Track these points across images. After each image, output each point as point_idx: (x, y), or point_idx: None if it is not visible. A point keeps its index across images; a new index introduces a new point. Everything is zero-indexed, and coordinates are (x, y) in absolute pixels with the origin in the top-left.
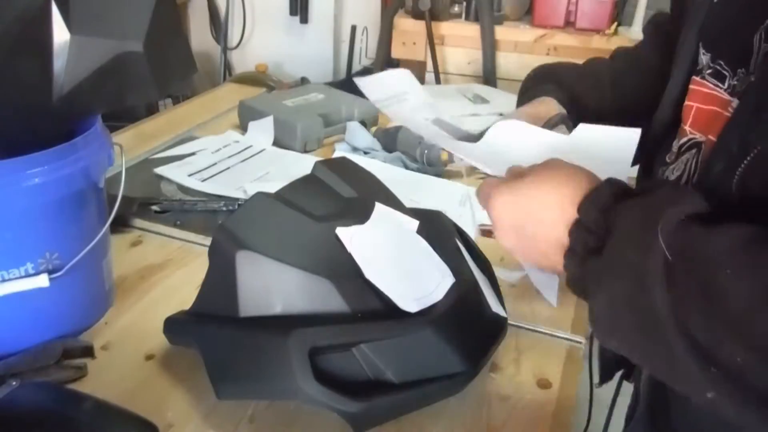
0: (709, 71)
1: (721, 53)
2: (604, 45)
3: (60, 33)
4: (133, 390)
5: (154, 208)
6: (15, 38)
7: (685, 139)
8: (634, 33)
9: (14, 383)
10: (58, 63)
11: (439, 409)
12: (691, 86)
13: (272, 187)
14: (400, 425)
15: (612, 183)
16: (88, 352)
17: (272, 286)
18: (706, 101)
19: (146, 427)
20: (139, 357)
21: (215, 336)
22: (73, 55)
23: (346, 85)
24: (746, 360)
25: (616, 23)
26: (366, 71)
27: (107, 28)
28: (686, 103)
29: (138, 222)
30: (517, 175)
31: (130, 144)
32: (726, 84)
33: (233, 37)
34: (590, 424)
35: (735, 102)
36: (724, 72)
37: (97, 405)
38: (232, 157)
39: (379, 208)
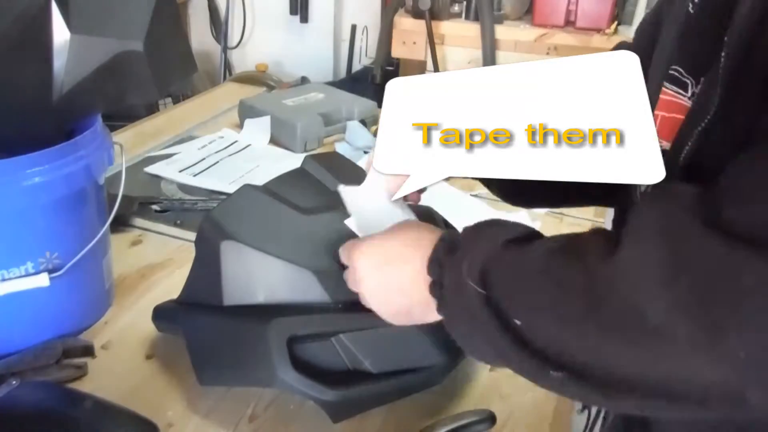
0: (669, 74)
1: (682, 60)
2: (604, 44)
3: (60, 32)
4: (133, 389)
5: (154, 207)
6: (15, 38)
7: None
8: (634, 32)
9: (14, 382)
10: (58, 62)
11: (439, 407)
12: (661, 95)
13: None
14: (399, 424)
15: (444, 239)
16: (88, 351)
17: (255, 275)
18: (670, 109)
19: (146, 426)
20: (139, 356)
21: (199, 324)
22: (73, 55)
23: (346, 84)
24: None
25: (616, 22)
26: (366, 70)
27: (107, 27)
28: (654, 112)
29: (138, 221)
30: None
31: (130, 143)
32: (689, 92)
33: (233, 37)
34: (590, 424)
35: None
36: (685, 79)
37: (97, 404)
38: (220, 152)
39: (372, 174)
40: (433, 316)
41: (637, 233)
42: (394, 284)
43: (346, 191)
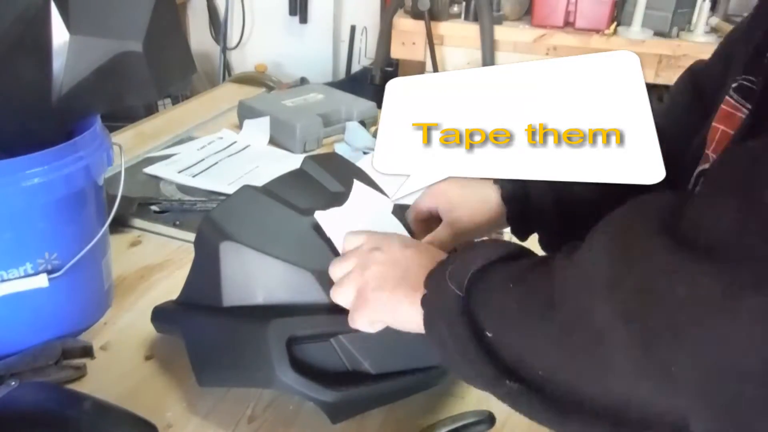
0: (734, 85)
1: (750, 69)
2: (603, 45)
3: (59, 33)
4: (133, 390)
5: (154, 208)
6: (15, 38)
7: (704, 167)
8: (633, 33)
9: (13, 383)
10: (58, 63)
11: (439, 408)
12: (722, 105)
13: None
14: (399, 425)
15: (445, 258)
16: (87, 352)
17: (254, 276)
18: (731, 123)
19: (145, 427)
20: (138, 357)
21: (198, 325)
22: (73, 55)
23: (346, 85)
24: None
25: (615, 23)
26: (365, 71)
27: (106, 28)
28: (713, 124)
29: (137, 222)
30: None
31: (129, 144)
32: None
33: (232, 37)
34: None
35: None
36: (754, 88)
37: (97, 405)
38: (219, 153)
39: (357, 187)
40: (409, 315)
41: (594, 236)
42: (403, 263)
43: (322, 216)
